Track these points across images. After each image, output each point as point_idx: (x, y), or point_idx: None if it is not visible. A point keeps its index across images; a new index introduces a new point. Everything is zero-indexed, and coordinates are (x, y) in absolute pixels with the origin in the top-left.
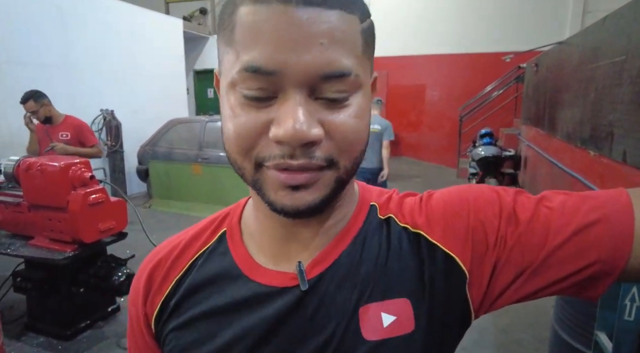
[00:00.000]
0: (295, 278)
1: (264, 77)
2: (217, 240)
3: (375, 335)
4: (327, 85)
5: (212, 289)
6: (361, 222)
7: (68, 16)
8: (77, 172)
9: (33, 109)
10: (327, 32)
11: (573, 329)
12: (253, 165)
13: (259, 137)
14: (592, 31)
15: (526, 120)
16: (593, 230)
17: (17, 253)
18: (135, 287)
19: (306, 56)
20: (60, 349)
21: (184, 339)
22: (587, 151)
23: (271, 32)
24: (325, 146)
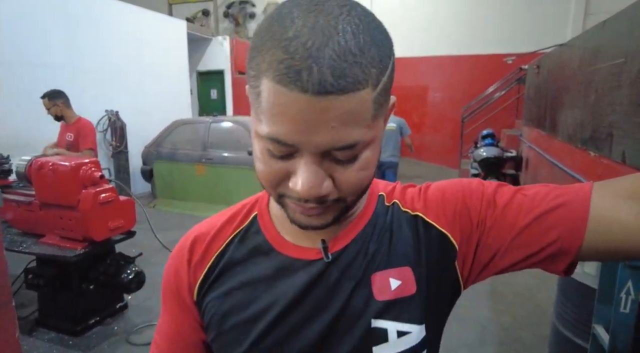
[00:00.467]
0: (319, 253)
1: (284, 146)
2: (250, 221)
3: (384, 296)
4: (337, 152)
5: (248, 263)
6: (372, 210)
7: (74, 18)
8: (87, 172)
9: (46, 106)
10: (338, 117)
11: (573, 325)
12: (277, 195)
13: (281, 181)
14: (593, 34)
15: (528, 122)
16: (555, 213)
17: (29, 250)
18: (179, 257)
19: (318, 137)
20: (70, 345)
21: (224, 306)
22: (588, 152)
23: (290, 115)
24: (334, 192)
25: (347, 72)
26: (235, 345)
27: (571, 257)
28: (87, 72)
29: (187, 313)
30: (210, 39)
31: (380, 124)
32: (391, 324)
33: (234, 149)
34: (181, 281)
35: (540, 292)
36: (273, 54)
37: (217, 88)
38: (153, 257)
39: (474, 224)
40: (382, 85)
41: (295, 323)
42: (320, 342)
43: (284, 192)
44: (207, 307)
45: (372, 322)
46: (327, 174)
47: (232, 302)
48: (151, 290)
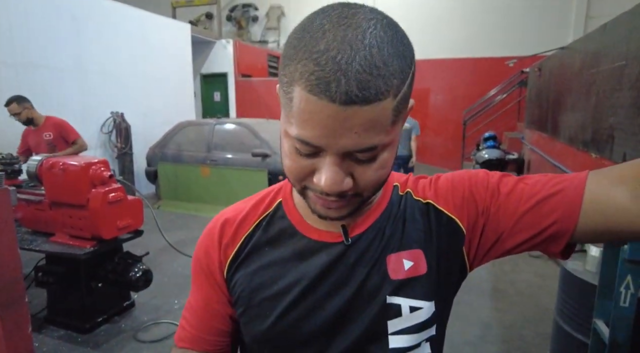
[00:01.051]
0: (339, 236)
1: (311, 146)
2: (276, 207)
3: (398, 276)
4: (358, 154)
5: (275, 244)
6: (387, 198)
7: (81, 22)
8: (97, 171)
9: (16, 110)
10: (361, 124)
11: (574, 320)
12: (301, 188)
13: (307, 176)
14: (594, 37)
15: (529, 124)
16: (552, 199)
17: (39, 248)
18: (209, 238)
19: (342, 141)
20: (79, 342)
21: (253, 283)
22: (589, 153)
23: (319, 121)
24: (353, 188)
25: (371, 85)
26: (263, 317)
27: (567, 238)
28: (93, 74)
29: (217, 289)
30: (214, 42)
31: (398, 127)
32: (404, 300)
33: (238, 151)
34: (212, 260)
35: (542, 290)
36: (305, 65)
37: (220, 91)
38: (159, 257)
39: (479, 210)
40: (402, 94)
41: (317, 299)
42: (341, 316)
43: (308, 185)
44: (237, 284)
45: (387, 298)
46: (348, 171)
47: (260, 279)
48: (158, 289)
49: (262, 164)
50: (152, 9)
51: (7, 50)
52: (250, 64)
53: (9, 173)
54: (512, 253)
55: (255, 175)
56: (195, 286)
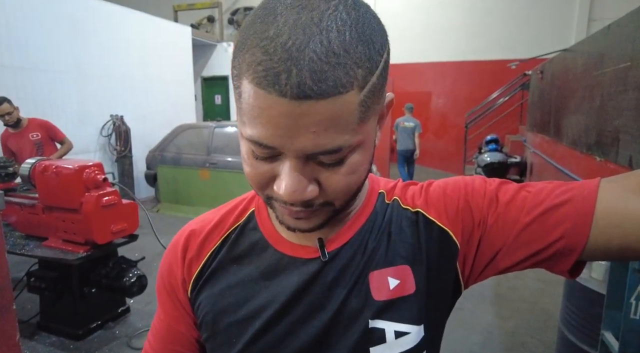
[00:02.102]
0: (316, 251)
1: (266, 148)
2: (247, 218)
3: (382, 296)
4: (321, 157)
5: (244, 260)
6: (371, 207)
7: (81, 24)
8: (90, 175)
9: (9, 110)
10: (318, 122)
11: (580, 330)
12: (265, 197)
13: (268, 183)
14: (597, 38)
15: (532, 127)
16: (559, 210)
17: (31, 253)
18: (173, 253)
19: (299, 142)
20: (72, 348)
21: (218, 305)
22: (593, 157)
23: (269, 118)
24: (320, 196)
25: (329, 75)
26: (229, 345)
27: (576, 255)
28: (92, 77)
29: (181, 310)
30: (215, 45)
31: (369, 126)
32: (389, 324)
33: (238, 154)
34: (175, 277)
35: (546, 297)
36: (253, 54)
37: (221, 94)
38: (155, 261)
39: (475, 222)
40: (371, 86)
41: (291, 323)
42: (317, 342)
43: (271, 194)
44: (201, 305)
45: (369, 322)
46: (311, 177)
47: (226, 301)
48: (153, 294)
49: None
50: (154, 12)
51: (5, 53)
52: None
53: (3, 176)
54: (513, 270)
55: None
56: (159, 306)
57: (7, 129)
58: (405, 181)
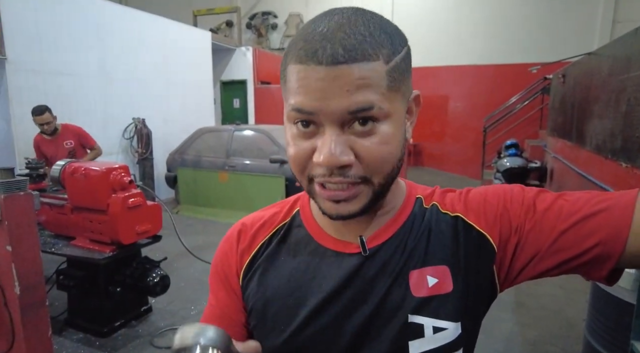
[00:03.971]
0: (357, 247)
1: (306, 115)
2: (293, 216)
3: (422, 293)
4: (355, 117)
5: (291, 254)
6: (409, 210)
7: (106, 30)
8: (117, 177)
9: (49, 120)
10: (352, 82)
11: (607, 340)
12: (307, 181)
13: (308, 160)
14: (624, 41)
15: (552, 132)
16: (596, 218)
17: (61, 252)
18: (228, 243)
19: (334, 102)
20: (97, 345)
21: (267, 294)
22: (619, 163)
23: (310, 85)
24: (357, 167)
25: (357, 47)
26: (277, 332)
27: (613, 263)
28: (116, 81)
29: (233, 296)
30: (234, 49)
31: (397, 102)
32: (427, 320)
33: (256, 157)
34: (229, 265)
35: (569, 305)
36: (294, 48)
37: (239, 97)
38: (176, 262)
39: (513, 228)
40: (395, 63)
41: (335, 313)
42: (358, 334)
43: (312, 173)
44: (251, 294)
45: (408, 317)
46: (347, 145)
47: (275, 290)
48: (175, 294)
49: (280, 170)
50: (174, 17)
51: (35, 59)
52: (269, 71)
53: (34, 177)
54: (548, 276)
55: (272, 181)
56: (212, 293)
57: (42, 135)
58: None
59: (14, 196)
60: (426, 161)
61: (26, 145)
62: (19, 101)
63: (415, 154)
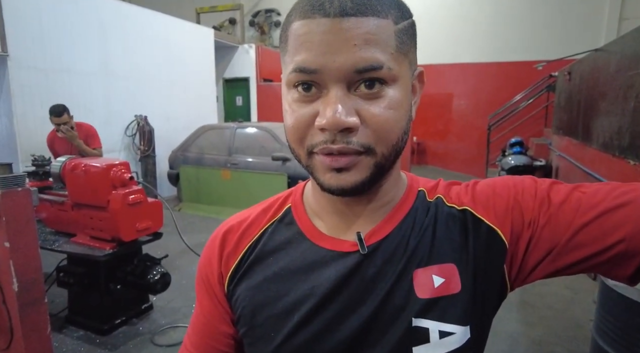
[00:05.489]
0: (354, 245)
1: (309, 75)
2: (284, 213)
3: (427, 294)
4: (362, 78)
5: (282, 253)
6: (410, 203)
7: (108, 27)
8: (117, 173)
9: (66, 120)
10: (360, 36)
11: (616, 341)
12: (306, 153)
13: (309, 127)
14: (632, 37)
15: (557, 130)
16: (619, 212)
17: (61, 249)
18: (211, 248)
19: (341, 57)
20: (98, 343)
21: (256, 298)
22: (626, 160)
23: (314, 39)
24: (361, 134)
25: (366, 2)
26: (268, 339)
27: (638, 261)
28: (118, 78)
29: (217, 305)
30: (237, 46)
31: (406, 66)
32: (433, 324)
33: (259, 154)
34: (212, 272)
35: (575, 305)
36: (298, 5)
37: (242, 95)
38: (178, 260)
39: (525, 222)
40: (403, 27)
41: (330, 317)
42: (357, 339)
43: (312, 142)
44: (239, 299)
45: (412, 320)
46: (353, 107)
47: (264, 294)
48: (176, 292)
49: (282, 167)
50: (177, 15)
51: (38, 56)
52: (272, 68)
53: (40, 174)
54: (564, 274)
55: (275, 178)
56: (198, 301)
57: (56, 133)
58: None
59: (11, 192)
60: (430, 160)
61: (28, 142)
62: (21, 98)
63: (419, 153)
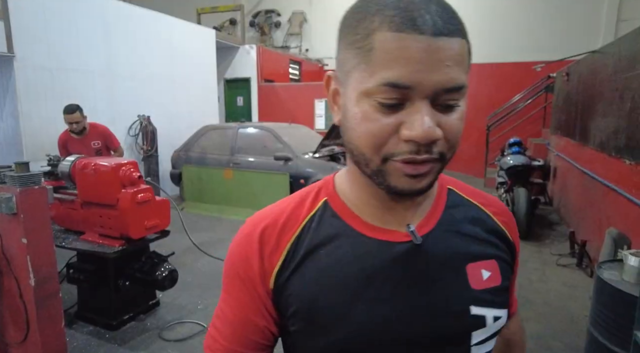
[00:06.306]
0: (405, 235)
1: (399, 90)
2: (322, 207)
3: (479, 286)
4: (446, 95)
5: (332, 246)
6: (444, 199)
7: (112, 27)
8: (126, 172)
9: (79, 119)
10: (451, 57)
11: (611, 332)
12: (380, 159)
13: (389, 136)
14: (629, 39)
15: (556, 130)
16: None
17: (72, 246)
18: (247, 245)
19: (435, 76)
20: (107, 338)
21: (313, 292)
22: (622, 160)
23: (409, 56)
24: (440, 143)
25: (453, 21)
26: (330, 330)
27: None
28: (122, 78)
29: (257, 301)
30: (238, 47)
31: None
32: (489, 311)
33: (261, 154)
34: (252, 269)
35: (572, 300)
36: (382, 13)
37: (243, 95)
38: (183, 257)
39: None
40: (469, 46)
41: (391, 306)
42: (420, 326)
43: (391, 151)
44: (292, 296)
45: (471, 309)
46: (435, 120)
47: (321, 286)
48: (182, 289)
49: (284, 167)
50: (178, 15)
51: (43, 54)
52: (273, 69)
53: (55, 174)
54: None
55: (277, 178)
56: (228, 294)
57: (71, 134)
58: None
59: (28, 190)
60: None
61: (33, 141)
62: (26, 98)
63: None
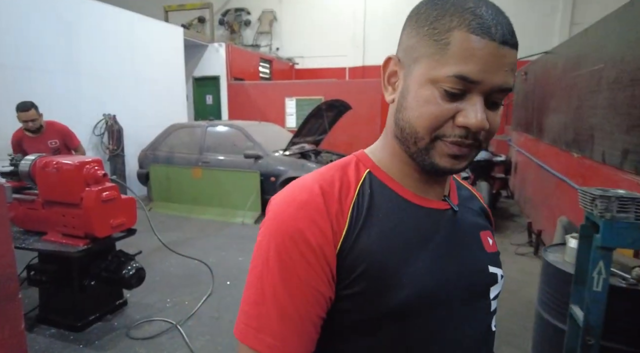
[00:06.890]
0: (444, 204)
1: (466, 83)
2: (367, 177)
3: (489, 249)
4: (497, 95)
5: (388, 210)
6: (453, 182)
7: (72, 24)
8: (90, 170)
9: (34, 117)
10: (510, 64)
11: (554, 309)
12: (430, 138)
13: (446, 121)
14: (575, 41)
15: (516, 127)
16: None
17: (32, 247)
18: (313, 207)
19: (497, 77)
20: (72, 339)
21: (380, 252)
22: (571, 153)
23: (481, 56)
24: (483, 133)
25: (513, 35)
26: (398, 287)
27: None
28: (84, 76)
29: (326, 268)
30: (206, 45)
31: None
32: (498, 270)
33: (230, 152)
34: (321, 232)
35: (528, 286)
36: (462, 15)
37: (212, 94)
38: (151, 257)
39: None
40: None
41: (445, 265)
42: (464, 283)
43: (444, 133)
44: (360, 256)
45: (489, 267)
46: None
47: (386, 247)
48: (150, 288)
49: (255, 165)
50: (145, 12)
51: (2, 54)
52: (243, 67)
53: (18, 174)
54: None
55: (247, 176)
56: (287, 271)
57: (26, 132)
58: None
59: None
60: None
61: None
62: None
63: None
